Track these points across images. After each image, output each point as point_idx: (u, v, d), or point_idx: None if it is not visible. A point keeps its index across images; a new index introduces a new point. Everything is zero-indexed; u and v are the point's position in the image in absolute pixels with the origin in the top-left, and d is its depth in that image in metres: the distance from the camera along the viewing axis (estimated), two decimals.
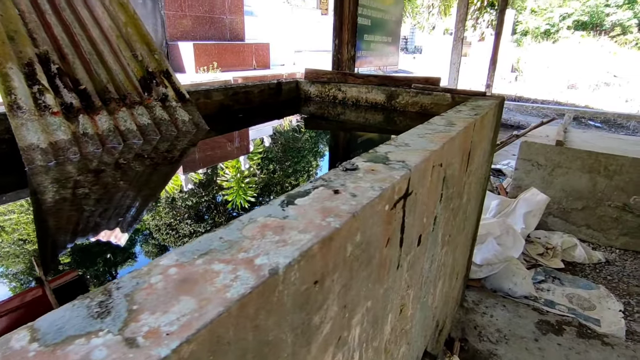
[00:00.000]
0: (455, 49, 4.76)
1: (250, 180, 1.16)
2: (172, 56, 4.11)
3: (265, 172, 1.29)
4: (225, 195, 1.05)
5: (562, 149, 3.07)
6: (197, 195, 1.03)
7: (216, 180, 1.17)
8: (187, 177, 1.18)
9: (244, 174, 1.25)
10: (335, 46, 2.43)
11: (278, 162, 1.41)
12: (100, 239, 0.79)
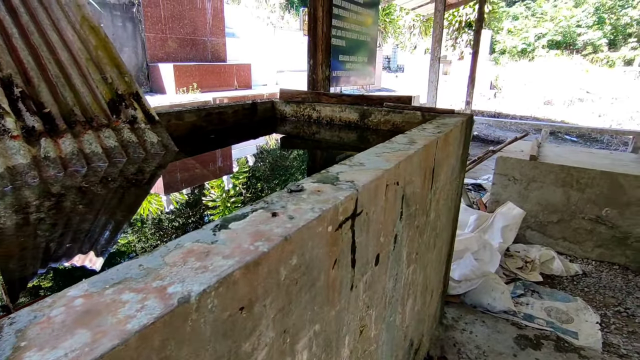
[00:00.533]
0: (433, 67, 4.89)
1: (213, 204, 1.15)
2: (153, 77, 4.12)
3: (233, 193, 1.29)
4: (188, 217, 1.04)
5: (535, 164, 3.15)
6: (158, 218, 1.02)
7: (180, 203, 1.16)
8: (151, 199, 1.16)
9: (207, 197, 1.24)
10: (310, 67, 2.48)
11: (248, 183, 1.40)
12: (54, 264, 0.77)
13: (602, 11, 26.64)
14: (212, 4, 4.65)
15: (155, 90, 4.18)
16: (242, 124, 2.23)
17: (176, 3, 4.24)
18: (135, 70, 3.99)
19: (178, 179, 1.37)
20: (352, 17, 2.79)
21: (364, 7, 2.92)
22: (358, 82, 3.03)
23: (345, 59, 2.79)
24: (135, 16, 3.83)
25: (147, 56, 4.10)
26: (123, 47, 3.85)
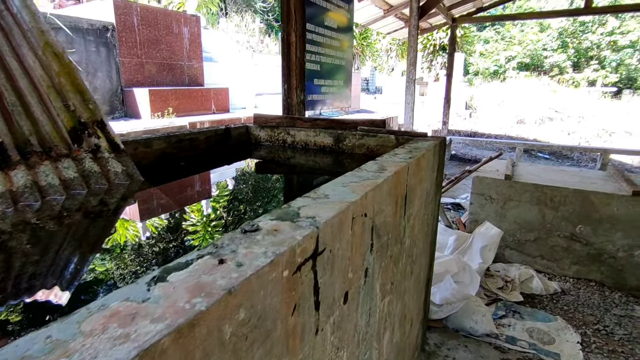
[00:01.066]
0: (409, 90, 5.00)
1: (172, 239, 1.08)
2: (128, 102, 4.04)
3: (201, 225, 1.22)
4: (145, 257, 0.97)
5: (511, 183, 3.20)
6: (111, 258, 0.94)
7: (139, 239, 1.09)
8: (107, 235, 1.09)
9: (165, 233, 1.18)
10: (285, 91, 2.47)
11: (211, 216, 1.34)
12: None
13: (565, 36, 28.30)
14: (189, 29, 4.66)
15: (131, 115, 4.09)
16: (216, 150, 2.18)
17: (152, 28, 4.23)
18: (110, 95, 3.91)
19: (139, 211, 1.30)
20: (327, 41, 2.82)
21: (339, 32, 2.96)
22: (335, 105, 3.04)
23: (321, 82, 2.80)
24: (109, 41, 3.78)
25: (122, 81, 4.03)
26: (97, 72, 3.77)
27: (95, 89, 3.80)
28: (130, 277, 0.84)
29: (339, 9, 2.93)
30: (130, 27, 4.00)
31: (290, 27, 2.34)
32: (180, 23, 4.53)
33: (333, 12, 2.85)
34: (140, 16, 4.07)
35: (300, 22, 2.34)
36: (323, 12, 2.71)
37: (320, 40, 2.73)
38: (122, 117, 4.08)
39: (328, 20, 2.79)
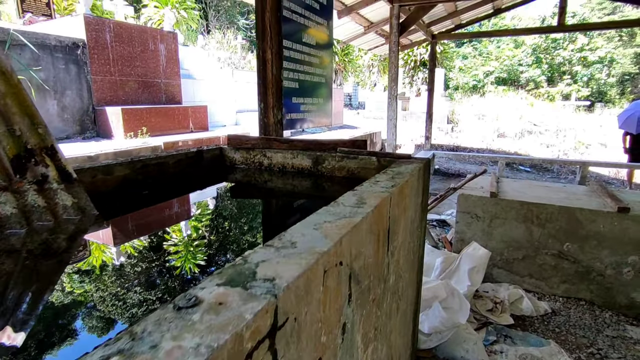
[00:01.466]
0: (391, 106, 4.97)
1: (120, 292, 0.93)
2: (100, 121, 3.85)
3: (134, 286, 1.07)
4: (85, 313, 0.82)
5: (496, 200, 3.14)
6: (36, 317, 0.78)
7: (75, 292, 0.93)
8: (38, 286, 0.92)
9: (101, 290, 1.02)
10: (261, 110, 2.36)
11: (166, 264, 1.19)
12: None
13: (539, 52, 29.42)
14: (166, 45, 4.53)
15: (103, 135, 3.90)
16: (187, 174, 2.03)
17: (126, 45, 4.08)
18: (80, 114, 3.73)
19: (81, 255, 1.14)
20: (306, 58, 2.73)
21: (318, 49, 2.89)
22: (315, 123, 2.94)
23: (300, 100, 2.70)
24: (80, 58, 3.62)
25: (93, 99, 3.85)
26: (65, 90, 3.59)
27: (64, 107, 3.61)
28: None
29: (317, 26, 2.86)
30: (103, 44, 3.85)
31: (265, 44, 2.24)
32: (157, 40, 4.40)
33: (312, 28, 2.78)
34: (113, 33, 3.92)
35: (276, 38, 2.25)
36: (301, 29, 2.64)
37: (299, 57, 2.64)
38: (93, 137, 3.88)
39: (306, 37, 2.72)
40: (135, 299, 0.87)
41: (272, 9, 2.19)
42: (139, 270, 1.02)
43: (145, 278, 0.97)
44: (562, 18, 6.33)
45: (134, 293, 0.89)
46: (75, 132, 3.72)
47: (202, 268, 1.03)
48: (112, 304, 0.85)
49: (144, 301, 0.86)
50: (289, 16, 2.46)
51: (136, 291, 0.90)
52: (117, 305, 0.84)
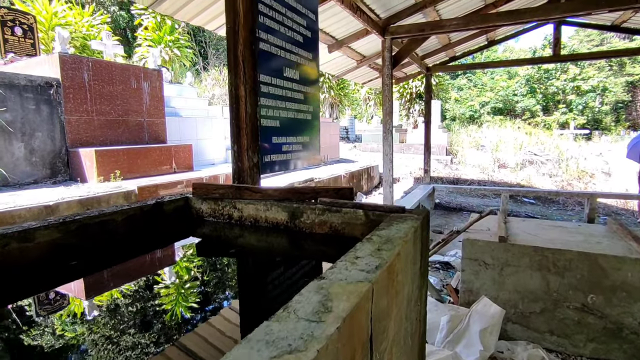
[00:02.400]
0: (386, 140, 4.72)
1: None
2: (73, 164, 3.58)
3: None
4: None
5: (506, 246, 2.79)
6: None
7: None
8: None
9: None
10: (235, 153, 2.08)
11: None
12: None
13: (532, 82, 29.90)
14: (150, 83, 4.35)
15: (75, 179, 3.62)
16: (143, 231, 1.71)
17: (106, 83, 3.89)
18: (51, 156, 3.46)
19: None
20: (287, 94, 2.48)
21: (302, 84, 2.65)
22: (301, 163, 2.65)
23: (282, 140, 2.42)
24: (53, 98, 3.40)
25: (67, 140, 3.60)
26: (35, 132, 3.34)
27: (33, 150, 3.35)
28: None
29: (301, 59, 2.64)
30: (80, 82, 3.65)
31: (238, 80, 1.99)
32: (140, 78, 4.22)
33: (295, 62, 2.56)
34: (92, 71, 3.74)
35: (250, 73, 2.01)
36: (281, 63, 2.41)
37: (280, 93, 2.40)
38: (65, 181, 3.60)
39: (289, 72, 2.49)
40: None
41: (246, 42, 1.96)
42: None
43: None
44: (557, 48, 6.25)
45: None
46: (44, 176, 3.43)
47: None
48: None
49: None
50: (267, 49, 2.23)
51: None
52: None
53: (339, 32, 4.85)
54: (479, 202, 8.29)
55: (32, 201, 2.64)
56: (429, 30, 4.37)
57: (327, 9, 4.05)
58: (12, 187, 3.20)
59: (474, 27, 4.21)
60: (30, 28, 5.42)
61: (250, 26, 1.96)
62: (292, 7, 2.48)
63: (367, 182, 8.71)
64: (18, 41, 5.56)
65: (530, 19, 3.87)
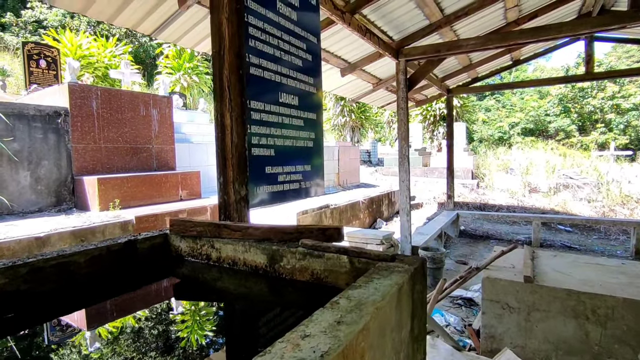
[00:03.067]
0: (402, 166, 4.47)
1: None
2: (78, 192, 3.56)
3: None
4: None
5: (533, 287, 2.44)
6: None
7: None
8: None
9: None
10: (220, 185, 1.91)
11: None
12: None
13: (566, 101, 28.68)
14: (159, 110, 4.36)
15: (80, 207, 3.59)
16: (111, 272, 1.55)
17: (114, 111, 3.92)
18: (57, 185, 3.45)
19: None
20: (285, 120, 2.32)
21: (301, 109, 2.49)
22: (301, 194, 2.46)
23: (277, 170, 2.25)
24: (60, 127, 3.42)
25: (73, 168, 3.60)
26: (41, 160, 3.36)
27: (39, 179, 3.35)
28: None
29: (300, 84, 2.50)
30: (88, 110, 3.68)
31: (224, 107, 1.86)
32: (149, 105, 4.24)
33: (292, 87, 2.41)
34: (100, 99, 3.77)
35: (237, 100, 1.86)
36: (276, 88, 2.27)
37: (274, 120, 2.24)
38: (70, 209, 3.57)
39: (285, 97, 2.34)
40: None
41: (232, 67, 1.83)
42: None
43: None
44: (589, 66, 5.87)
45: None
46: (49, 204, 3.41)
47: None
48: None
49: None
50: (259, 74, 2.10)
51: None
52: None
53: (351, 55, 4.74)
54: (508, 229, 7.74)
55: (24, 232, 2.57)
56: (445, 51, 4.17)
57: (337, 31, 3.94)
58: (15, 215, 3.17)
59: (493, 46, 3.97)
60: (54, 60, 5.72)
61: (237, 50, 1.83)
62: (289, 30, 2.36)
63: (387, 207, 8.37)
64: (42, 73, 5.86)
65: (556, 35, 3.60)
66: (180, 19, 2.88)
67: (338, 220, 6.33)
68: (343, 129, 16.10)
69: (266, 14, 2.14)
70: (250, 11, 2.01)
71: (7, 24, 20.25)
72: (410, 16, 4.05)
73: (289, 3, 2.35)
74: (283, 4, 2.29)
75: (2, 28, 19.94)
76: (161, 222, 3.26)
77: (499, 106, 33.52)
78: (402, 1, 3.69)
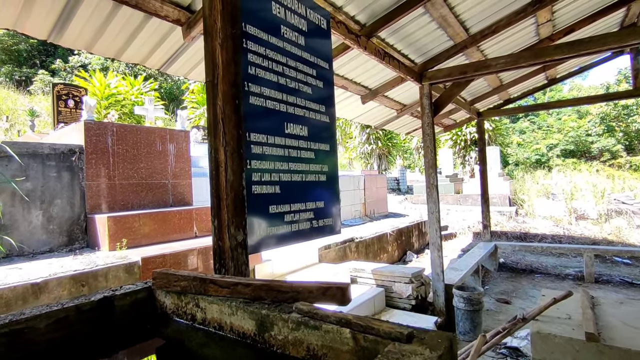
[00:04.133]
0: (430, 196, 4.11)
1: None
2: (90, 231, 3.47)
3: None
4: None
5: (599, 347, 1.98)
6: None
7: None
8: None
9: None
10: (215, 230, 1.68)
11: None
12: None
13: (609, 120, 27.01)
14: (177, 144, 4.31)
15: (92, 246, 3.49)
16: (79, 338, 1.33)
17: (130, 147, 3.88)
18: (69, 223, 3.37)
19: None
20: (291, 153, 2.10)
21: (312, 141, 2.26)
22: (311, 235, 2.19)
23: (283, 209, 2.00)
24: (75, 164, 3.39)
25: (87, 206, 3.53)
26: (54, 199, 3.31)
27: (51, 218, 3.28)
28: None
29: (310, 112, 2.28)
30: (103, 147, 3.65)
31: (217, 141, 1.65)
32: (166, 140, 4.19)
33: (300, 116, 2.20)
34: (116, 136, 3.75)
35: (232, 133, 1.66)
36: (281, 118, 2.06)
37: (279, 153, 2.02)
38: (82, 248, 3.47)
39: (292, 128, 2.13)
40: None
41: (226, 97, 1.64)
42: None
43: None
44: (638, 81, 5.34)
45: None
46: (61, 244, 3.33)
47: None
48: None
49: None
50: (260, 104, 1.90)
51: None
52: None
53: (371, 82, 4.54)
54: (555, 262, 6.99)
55: (23, 278, 2.43)
56: (472, 71, 3.87)
57: (354, 57, 3.77)
58: (25, 257, 3.08)
59: (526, 64, 3.64)
60: (82, 100, 5.95)
61: (233, 79, 1.65)
62: (295, 55, 2.18)
63: (418, 239, 7.87)
64: (70, 112, 6.11)
65: (601, 48, 3.23)
66: (188, 52, 2.81)
67: (364, 255, 5.93)
68: (370, 157, 15.81)
69: (268, 39, 1.97)
70: (250, 37, 1.85)
71: (57, 69, 22.10)
72: (433, 37, 3.82)
73: (295, 27, 2.18)
74: (288, 28, 2.13)
75: (53, 73, 21.78)
76: (169, 263, 3.06)
77: (534, 128, 32.16)
78: (422, 22, 3.48)
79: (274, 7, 2.02)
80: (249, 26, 1.84)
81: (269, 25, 1.97)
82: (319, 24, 2.41)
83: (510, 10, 3.70)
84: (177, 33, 2.55)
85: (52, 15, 2.20)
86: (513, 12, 3.72)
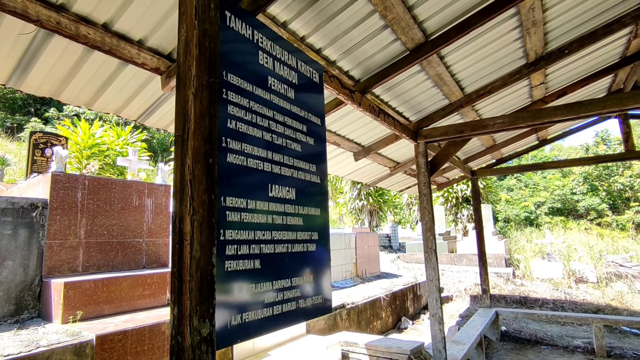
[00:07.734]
0: (429, 262, 3.77)
1: None
2: (44, 299, 3.01)
3: None
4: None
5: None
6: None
7: None
8: None
9: None
10: (173, 321, 1.32)
11: None
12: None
13: (591, 180, 27.63)
14: (154, 200, 3.98)
15: (44, 316, 3.00)
16: None
17: (102, 202, 3.53)
18: (19, 289, 2.92)
19: None
20: (275, 220, 1.81)
21: (300, 205, 1.98)
22: (295, 322, 1.82)
23: (264, 288, 1.66)
24: (35, 221, 3.01)
25: (43, 269, 3.10)
26: (4, 260, 2.89)
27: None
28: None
29: (298, 172, 2.02)
30: (71, 202, 3.30)
31: (183, 208, 1.35)
32: (143, 194, 3.87)
33: (287, 176, 1.93)
34: (87, 190, 3.42)
35: (202, 198, 1.37)
36: (265, 179, 1.78)
37: (260, 221, 1.72)
38: (31, 318, 2.98)
39: (277, 190, 1.85)
40: None
41: (197, 154, 1.37)
42: None
43: None
44: (629, 144, 5.32)
45: None
46: (6, 313, 2.85)
47: None
48: None
49: None
50: (239, 162, 1.63)
51: None
52: None
53: (365, 138, 4.39)
54: (560, 331, 6.50)
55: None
56: (469, 131, 3.75)
57: (347, 113, 3.63)
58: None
59: (524, 124, 3.53)
60: (52, 150, 5.67)
61: (207, 134, 1.39)
62: (284, 109, 1.96)
63: (413, 303, 7.35)
64: (46, 161, 5.81)
65: (600, 111, 3.14)
66: (168, 103, 2.61)
67: (356, 322, 5.40)
68: (361, 213, 15.52)
69: (253, 91, 1.75)
70: (231, 86, 1.62)
71: (50, 117, 22.09)
72: (428, 95, 3.74)
73: (284, 79, 1.99)
74: (277, 80, 1.93)
75: (46, 121, 21.73)
76: (131, 341, 2.59)
77: (521, 185, 32.71)
78: (417, 80, 3.40)
79: (260, 57, 1.83)
80: (231, 75, 1.63)
81: (253, 75, 1.76)
82: (311, 77, 2.24)
83: (505, 72, 3.67)
84: (156, 82, 2.36)
85: (12, 60, 1.98)
86: (507, 73, 3.69)
